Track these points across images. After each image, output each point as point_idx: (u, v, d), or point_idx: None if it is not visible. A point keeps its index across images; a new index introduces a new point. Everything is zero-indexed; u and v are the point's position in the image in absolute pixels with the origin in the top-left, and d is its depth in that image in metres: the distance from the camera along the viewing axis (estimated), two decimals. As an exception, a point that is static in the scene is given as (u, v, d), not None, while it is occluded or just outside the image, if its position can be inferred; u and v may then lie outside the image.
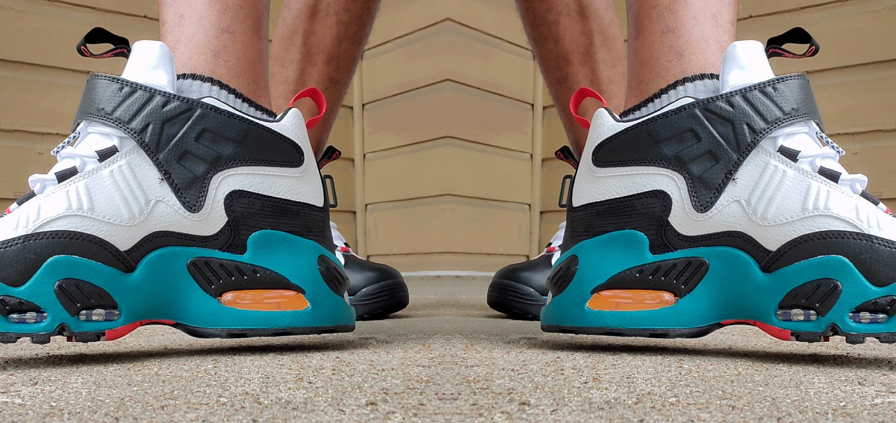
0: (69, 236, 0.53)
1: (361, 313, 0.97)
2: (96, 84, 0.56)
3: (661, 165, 0.57)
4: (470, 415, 0.40)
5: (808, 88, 0.57)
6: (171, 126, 0.56)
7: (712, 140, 0.56)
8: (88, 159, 0.55)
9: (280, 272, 0.58)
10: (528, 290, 0.98)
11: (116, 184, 0.55)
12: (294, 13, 1.01)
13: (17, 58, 1.83)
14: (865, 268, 0.52)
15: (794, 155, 0.56)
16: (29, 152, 1.85)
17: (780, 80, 0.57)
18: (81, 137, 0.57)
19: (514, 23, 2.74)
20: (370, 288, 0.98)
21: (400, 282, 1.01)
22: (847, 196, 0.54)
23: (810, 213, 0.54)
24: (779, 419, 0.39)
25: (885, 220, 0.53)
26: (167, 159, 0.56)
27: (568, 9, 1.00)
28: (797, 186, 0.55)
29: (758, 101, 0.56)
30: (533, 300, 0.98)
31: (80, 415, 0.40)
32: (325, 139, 1.09)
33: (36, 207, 0.53)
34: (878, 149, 1.91)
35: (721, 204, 0.56)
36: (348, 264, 1.00)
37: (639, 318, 0.58)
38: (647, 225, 0.58)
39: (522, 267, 1.01)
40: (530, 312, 0.98)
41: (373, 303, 0.98)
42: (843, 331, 0.53)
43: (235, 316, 0.57)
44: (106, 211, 0.54)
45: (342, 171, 2.52)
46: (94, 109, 0.56)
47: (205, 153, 0.57)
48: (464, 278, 2.21)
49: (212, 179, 0.57)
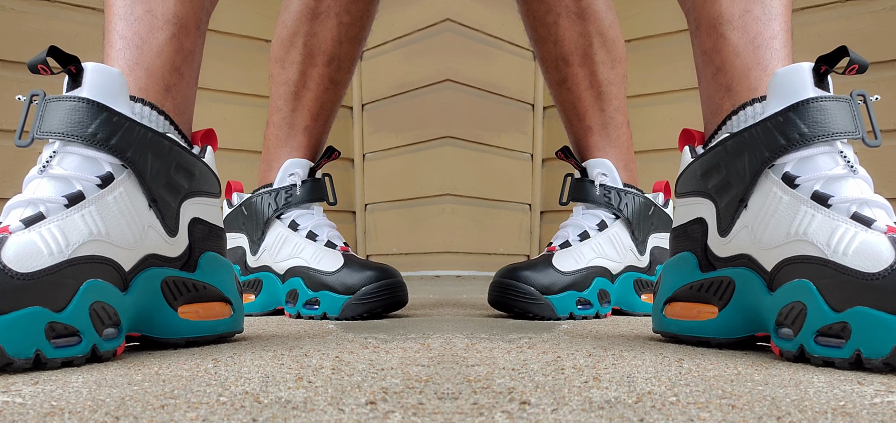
0: (95, 261, 0.56)
1: (361, 312, 0.97)
2: (77, 107, 0.58)
3: (702, 195, 0.64)
4: (470, 414, 0.40)
5: (836, 109, 0.59)
6: (155, 158, 0.61)
7: (731, 170, 0.61)
8: (87, 183, 0.57)
9: (218, 287, 0.68)
10: (529, 289, 0.98)
11: (121, 210, 0.58)
12: (294, 16, 1.02)
13: (17, 58, 1.83)
14: (825, 293, 0.54)
15: (793, 181, 0.58)
16: (29, 152, 1.85)
17: (800, 105, 0.58)
18: (61, 156, 0.58)
19: (515, 23, 2.73)
20: (370, 287, 0.98)
21: (399, 281, 1.01)
22: (830, 220, 0.55)
23: (792, 238, 0.57)
24: (778, 418, 0.39)
25: (862, 244, 0.53)
26: (155, 188, 0.61)
27: (567, 11, 1.01)
28: (788, 212, 0.57)
29: (769, 130, 0.58)
30: (533, 299, 0.98)
31: (80, 415, 0.40)
32: (324, 140, 1.10)
33: (59, 230, 0.55)
34: (877, 149, 1.91)
35: (736, 229, 0.61)
36: (348, 263, 1.00)
37: (691, 326, 0.67)
38: (695, 247, 0.66)
39: (523, 266, 1.01)
40: (530, 311, 0.98)
41: (372, 302, 0.98)
42: (808, 353, 0.55)
43: (191, 326, 0.65)
44: (117, 236, 0.58)
45: (342, 171, 2.52)
46: (80, 133, 0.57)
47: (177, 184, 0.63)
48: (464, 278, 2.21)
49: (181, 207, 0.64)
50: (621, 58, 1.07)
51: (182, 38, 0.66)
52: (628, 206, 1.06)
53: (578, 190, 1.07)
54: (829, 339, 0.53)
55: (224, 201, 1.10)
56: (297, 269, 1.02)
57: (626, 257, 1.06)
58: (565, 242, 1.04)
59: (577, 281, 1.00)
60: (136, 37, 0.64)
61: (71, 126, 0.58)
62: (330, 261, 1.01)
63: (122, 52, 0.63)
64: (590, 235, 1.05)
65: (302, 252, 1.03)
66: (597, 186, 1.05)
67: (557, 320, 0.98)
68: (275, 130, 1.07)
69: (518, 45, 2.47)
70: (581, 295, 1.00)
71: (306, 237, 1.04)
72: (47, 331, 0.52)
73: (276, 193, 1.05)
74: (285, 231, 1.04)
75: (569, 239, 1.05)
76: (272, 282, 1.05)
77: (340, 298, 0.98)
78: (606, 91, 1.05)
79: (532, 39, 1.07)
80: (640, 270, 1.07)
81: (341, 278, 0.99)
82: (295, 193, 1.05)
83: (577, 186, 1.08)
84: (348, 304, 0.98)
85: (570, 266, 1.01)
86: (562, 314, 0.98)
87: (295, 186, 1.05)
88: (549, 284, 0.99)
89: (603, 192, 1.05)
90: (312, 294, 1.00)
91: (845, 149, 0.60)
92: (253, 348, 0.68)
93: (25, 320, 0.50)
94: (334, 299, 0.98)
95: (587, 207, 1.07)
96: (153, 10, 0.64)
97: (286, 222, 1.05)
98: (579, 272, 1.00)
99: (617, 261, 1.05)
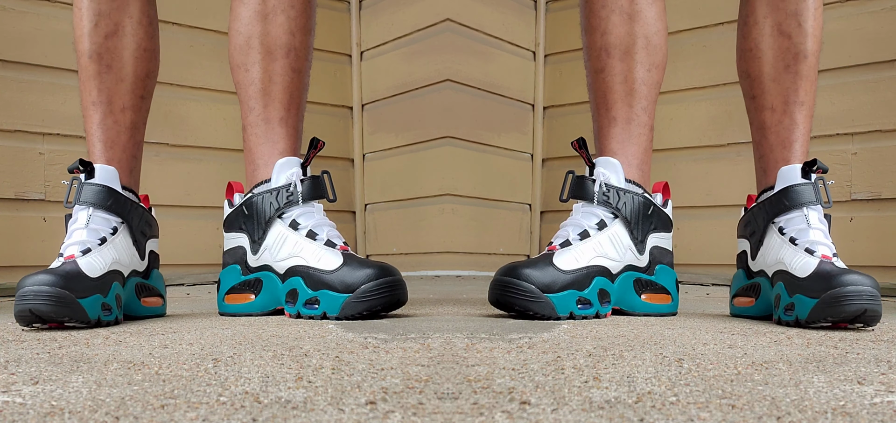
0: (115, 273, 0.99)
1: (361, 311, 0.97)
2: (101, 190, 1.01)
3: (743, 238, 1.11)
4: (470, 414, 0.40)
5: (805, 191, 1.02)
6: (135, 217, 1.05)
7: (756, 224, 1.07)
8: (106, 233, 1.00)
9: (158, 288, 1.11)
10: (530, 287, 0.98)
11: (123, 246, 1.02)
12: (246, 22, 1.11)
13: (17, 58, 1.83)
14: (788, 288, 0.96)
15: (782, 231, 1.02)
16: (29, 152, 1.85)
17: (787, 189, 1.03)
18: (93, 218, 1.00)
19: (515, 23, 2.71)
20: (369, 285, 0.98)
21: (399, 280, 1.01)
22: (795, 252, 0.98)
23: (778, 262, 1.01)
24: (778, 418, 0.39)
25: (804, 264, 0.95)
26: (136, 234, 1.05)
27: (621, 9, 1.12)
28: (777, 247, 1.02)
29: (772, 202, 1.04)
30: (534, 298, 0.98)
31: (80, 414, 0.40)
32: (300, 129, 1.14)
33: (100, 257, 0.97)
34: (877, 149, 1.91)
35: (759, 258, 1.06)
36: (347, 261, 1.00)
37: (743, 310, 1.09)
38: (742, 266, 1.11)
39: (523, 264, 1.00)
40: (531, 309, 0.98)
41: (372, 300, 0.98)
42: (782, 319, 0.97)
43: (148, 309, 1.07)
44: (122, 260, 1.01)
45: (342, 171, 2.52)
46: (103, 204, 1.01)
47: (145, 231, 1.07)
48: (464, 277, 2.21)
49: (146, 244, 1.08)
50: (660, 65, 1.14)
51: (136, 134, 1.08)
52: (626, 205, 1.07)
53: (579, 188, 1.09)
54: (788, 312, 0.95)
55: (225, 202, 1.12)
56: (297, 268, 1.02)
57: (625, 257, 1.06)
58: (566, 241, 1.05)
59: (578, 280, 1.00)
60: (108, 140, 1.06)
61: (97, 200, 1.01)
62: (329, 260, 1.01)
63: (102, 152, 1.05)
64: (590, 234, 1.05)
65: (302, 251, 1.03)
66: (597, 184, 1.07)
67: (557, 320, 0.98)
68: (252, 129, 1.11)
69: (518, 46, 2.47)
70: (581, 294, 1.00)
71: (306, 236, 1.04)
72: (102, 306, 0.94)
73: (277, 192, 1.06)
74: (286, 230, 1.05)
75: (569, 238, 1.05)
76: (272, 282, 1.05)
77: (340, 296, 0.98)
78: (638, 89, 1.12)
79: (583, 27, 1.15)
80: (640, 269, 1.07)
81: (341, 276, 0.99)
82: (296, 192, 1.06)
83: (578, 183, 1.09)
84: (348, 302, 0.97)
85: (570, 265, 1.01)
86: (562, 314, 0.98)
87: (294, 185, 1.06)
88: (550, 282, 0.99)
89: (602, 191, 1.07)
90: (312, 293, 0.99)
91: (810, 211, 1.01)
92: (253, 348, 0.68)
93: (94, 300, 0.93)
94: (334, 297, 0.98)
95: (586, 206, 1.08)
96: (118, 121, 1.07)
97: (287, 220, 1.06)
98: (579, 271, 1.01)
99: (617, 260, 1.05)
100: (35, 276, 0.89)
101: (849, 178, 1.92)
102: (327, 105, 2.48)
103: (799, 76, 1.09)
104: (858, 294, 0.88)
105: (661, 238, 1.10)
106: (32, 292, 0.88)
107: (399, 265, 1.12)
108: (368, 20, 2.52)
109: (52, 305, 0.88)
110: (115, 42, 1.06)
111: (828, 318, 0.90)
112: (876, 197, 1.89)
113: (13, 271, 1.78)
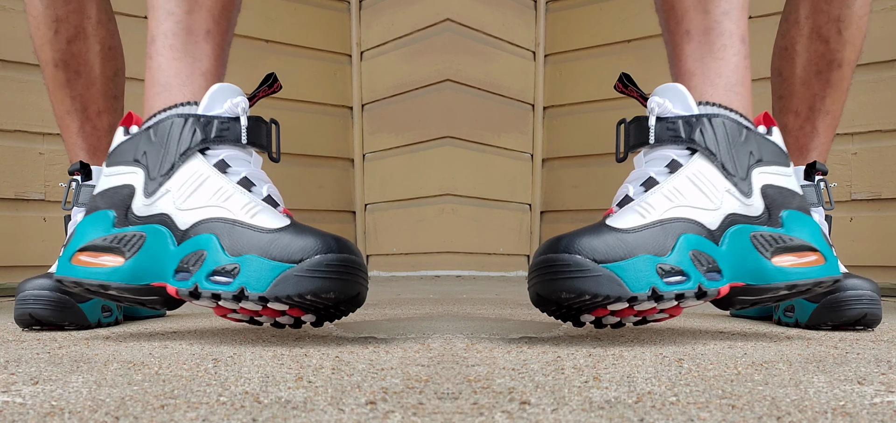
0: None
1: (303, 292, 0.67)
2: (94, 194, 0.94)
3: None
4: (470, 414, 0.40)
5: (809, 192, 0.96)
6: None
7: None
8: None
9: None
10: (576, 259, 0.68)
11: None
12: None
13: (17, 58, 1.83)
14: None
15: None
16: (29, 152, 1.85)
17: None
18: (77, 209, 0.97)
19: (515, 23, 2.70)
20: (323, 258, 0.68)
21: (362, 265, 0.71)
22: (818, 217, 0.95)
23: None
24: (778, 418, 0.39)
25: None
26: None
27: None
28: None
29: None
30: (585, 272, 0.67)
31: (80, 414, 0.40)
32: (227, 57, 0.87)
33: None
34: (877, 149, 1.91)
35: None
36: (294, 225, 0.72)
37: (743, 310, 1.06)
38: None
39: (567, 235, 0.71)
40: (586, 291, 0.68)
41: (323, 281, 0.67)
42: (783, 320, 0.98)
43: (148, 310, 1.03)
44: None
45: (342, 171, 2.52)
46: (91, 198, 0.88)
47: None
48: (464, 277, 2.21)
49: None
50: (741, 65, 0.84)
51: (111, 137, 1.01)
52: (705, 133, 0.75)
53: (637, 133, 0.78)
54: (788, 314, 0.97)
55: (119, 129, 0.81)
56: (213, 222, 0.71)
57: (724, 203, 0.74)
58: (625, 197, 0.76)
59: (651, 240, 0.69)
60: (90, 147, 1.04)
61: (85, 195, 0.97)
62: (267, 218, 0.71)
63: (88, 161, 1.02)
64: (658, 180, 0.75)
65: (227, 201, 0.72)
66: (652, 118, 0.77)
67: (633, 300, 0.67)
68: (165, 40, 0.81)
69: (518, 46, 2.47)
70: (662, 261, 0.68)
71: (238, 183, 0.74)
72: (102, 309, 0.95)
73: (205, 121, 0.75)
74: (209, 170, 0.74)
75: (629, 193, 0.76)
76: (161, 240, 0.73)
77: (276, 266, 0.67)
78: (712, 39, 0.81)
79: None
80: (754, 220, 0.75)
81: (280, 239, 0.68)
82: (237, 128, 0.76)
83: (636, 127, 0.78)
84: (287, 275, 0.66)
85: (634, 222, 0.70)
86: (636, 290, 0.66)
87: (236, 118, 0.76)
88: (608, 249, 0.68)
89: (665, 125, 0.76)
90: (230, 260, 0.68)
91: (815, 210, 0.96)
92: (253, 348, 0.68)
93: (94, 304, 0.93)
94: (265, 266, 0.67)
95: (648, 152, 0.78)
96: (97, 126, 1.04)
97: (213, 159, 0.75)
98: (651, 228, 0.70)
99: (710, 208, 0.73)
100: (35, 280, 0.89)
101: (849, 178, 1.92)
102: (327, 105, 2.48)
103: (829, 84, 1.04)
104: (858, 299, 0.88)
105: (775, 173, 0.77)
106: (33, 297, 0.88)
107: (399, 265, 1.11)
108: (368, 20, 2.52)
109: (52, 309, 0.88)
110: (79, 46, 1.03)
111: (828, 322, 0.90)
112: (876, 197, 1.89)
113: (13, 271, 1.78)
